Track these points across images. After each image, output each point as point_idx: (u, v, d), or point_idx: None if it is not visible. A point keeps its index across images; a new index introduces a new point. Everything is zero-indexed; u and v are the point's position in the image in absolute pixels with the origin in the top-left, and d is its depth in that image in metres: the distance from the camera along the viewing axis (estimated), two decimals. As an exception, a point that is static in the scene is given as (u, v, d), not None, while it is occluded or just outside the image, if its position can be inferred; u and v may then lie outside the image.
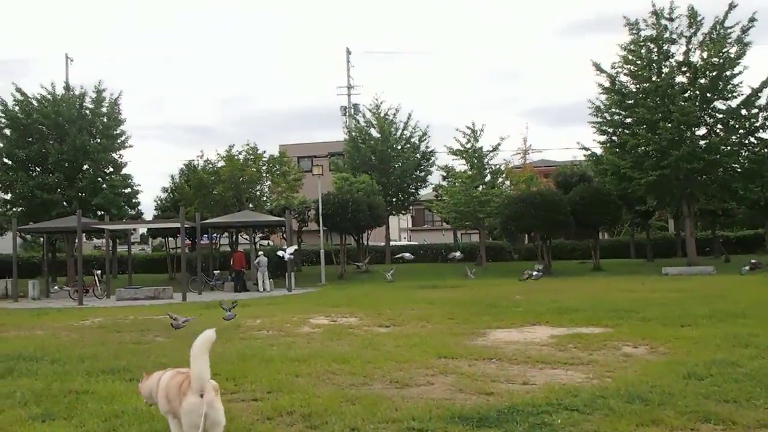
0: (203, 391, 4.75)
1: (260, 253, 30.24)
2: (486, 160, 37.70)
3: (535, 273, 24.56)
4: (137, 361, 9.54)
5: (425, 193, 47.20)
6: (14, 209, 35.89)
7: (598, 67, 33.61)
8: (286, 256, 27.41)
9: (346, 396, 7.06)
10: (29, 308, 23.71)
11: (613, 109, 34.11)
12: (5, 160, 35.34)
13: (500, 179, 38.99)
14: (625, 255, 41.13)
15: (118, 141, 36.82)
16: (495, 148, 37.57)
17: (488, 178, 38.01)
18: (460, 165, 39.34)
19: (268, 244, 43.96)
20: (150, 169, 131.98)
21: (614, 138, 34.36)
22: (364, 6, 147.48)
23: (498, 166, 38.87)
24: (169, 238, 39.50)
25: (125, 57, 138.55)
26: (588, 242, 39.07)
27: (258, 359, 9.47)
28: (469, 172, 37.94)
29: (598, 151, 35.25)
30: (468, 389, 7.35)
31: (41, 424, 6.22)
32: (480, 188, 37.20)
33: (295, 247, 29.70)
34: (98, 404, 6.86)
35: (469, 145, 37.35)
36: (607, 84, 33.68)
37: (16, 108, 35.13)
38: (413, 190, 43.94)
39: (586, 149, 35.48)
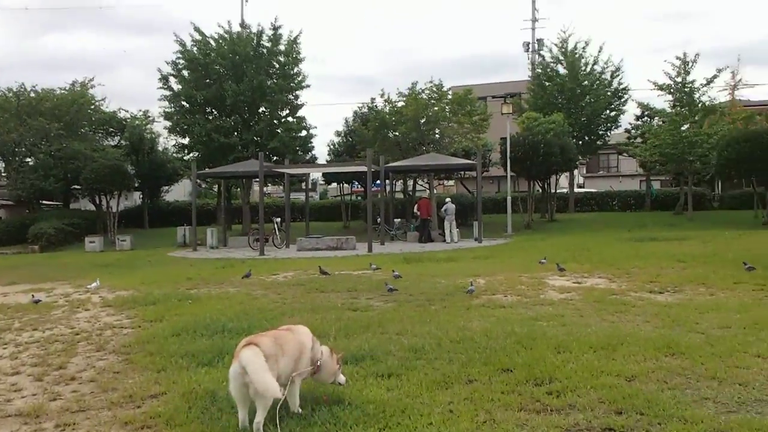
0: None
1: (447, 200, 27.57)
2: (697, 96, 32.44)
3: None
4: (378, 344, 7.02)
5: (612, 134, 42.51)
6: (192, 154, 35.41)
7: None
8: None
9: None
10: (210, 258, 22.62)
11: None
12: (183, 103, 34.70)
13: (712, 117, 33.40)
14: None
15: (295, 81, 35.18)
16: (709, 82, 32.06)
17: (698, 116, 32.76)
18: (662, 102, 34.46)
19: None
20: (314, 119, 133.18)
21: None
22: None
23: (710, 103, 33.32)
24: (344, 184, 37.74)
25: (288, 6, 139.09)
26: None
27: (544, 344, 6.72)
28: (669, 110, 33.23)
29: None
30: None
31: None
32: (684, 127, 32.38)
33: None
34: (369, 426, 4.37)
35: (679, 79, 32.24)
36: None
37: (194, 49, 34.20)
38: (602, 132, 39.82)
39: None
